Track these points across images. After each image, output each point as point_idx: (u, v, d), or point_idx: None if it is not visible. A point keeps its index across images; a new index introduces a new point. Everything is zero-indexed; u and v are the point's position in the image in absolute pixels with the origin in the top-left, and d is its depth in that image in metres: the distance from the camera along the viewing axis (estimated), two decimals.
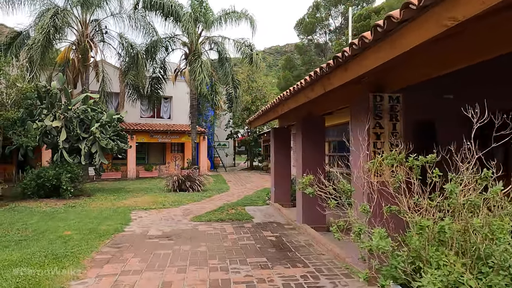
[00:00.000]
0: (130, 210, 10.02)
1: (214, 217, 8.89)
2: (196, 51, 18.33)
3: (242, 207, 10.38)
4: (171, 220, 8.69)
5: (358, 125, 4.64)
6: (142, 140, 21.76)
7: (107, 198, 12.33)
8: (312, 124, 7.39)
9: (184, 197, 12.37)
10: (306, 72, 53.15)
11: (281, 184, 10.26)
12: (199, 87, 17.12)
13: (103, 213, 9.34)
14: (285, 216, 8.85)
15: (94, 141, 12.77)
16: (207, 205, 10.87)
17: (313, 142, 7.37)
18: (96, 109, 13.24)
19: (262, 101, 26.68)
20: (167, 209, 10.27)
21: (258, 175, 22.64)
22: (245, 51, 19.22)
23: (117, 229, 7.49)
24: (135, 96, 20.69)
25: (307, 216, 7.31)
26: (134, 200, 11.71)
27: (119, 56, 19.89)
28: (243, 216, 8.94)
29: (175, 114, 24.51)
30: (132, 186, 16.45)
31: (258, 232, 7.36)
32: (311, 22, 53.07)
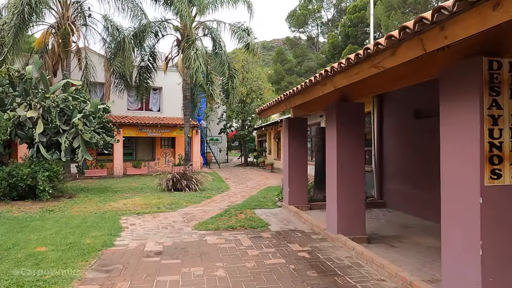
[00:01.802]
0: (119, 215, 8.47)
1: (222, 224, 7.42)
2: (190, 36, 16.70)
3: (251, 211, 8.94)
4: (171, 228, 7.18)
5: (454, 107, 3.23)
6: (130, 134, 20.06)
7: (92, 199, 10.71)
8: (350, 113, 5.96)
9: (181, 198, 10.85)
10: (298, 65, 51.98)
11: (296, 184, 8.86)
12: (194, 75, 15.51)
13: (87, 220, 7.76)
14: (307, 222, 7.44)
15: (76, 134, 11.11)
16: (209, 208, 9.38)
17: (352, 135, 5.96)
18: (79, 97, 11.57)
19: (258, 93, 25.23)
20: (164, 213, 8.75)
21: (256, 172, 21.20)
22: (242, 36, 17.67)
23: (105, 242, 5.95)
24: (122, 86, 18.94)
25: (344, 223, 5.92)
26: (123, 202, 10.13)
27: (104, 41, 18.12)
28: (257, 223, 7.49)
29: (165, 106, 22.82)
30: (120, 184, 14.81)
31: (282, 245, 5.93)
32: (303, 14, 51.71)
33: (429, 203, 7.56)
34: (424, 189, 7.72)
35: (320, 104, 6.97)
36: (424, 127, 7.76)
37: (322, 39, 55.90)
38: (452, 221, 3.30)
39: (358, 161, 5.98)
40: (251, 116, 25.83)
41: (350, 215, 5.94)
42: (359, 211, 5.98)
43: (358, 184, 5.99)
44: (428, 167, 7.62)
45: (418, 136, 7.99)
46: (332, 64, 4.34)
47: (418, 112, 8.03)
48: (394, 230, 6.84)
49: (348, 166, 5.92)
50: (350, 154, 5.94)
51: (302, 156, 8.90)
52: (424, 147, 7.79)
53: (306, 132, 9.01)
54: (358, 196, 6.00)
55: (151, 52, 18.73)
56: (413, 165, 8.17)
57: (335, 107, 5.94)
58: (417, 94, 7.93)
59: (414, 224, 7.33)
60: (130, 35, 17.00)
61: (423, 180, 7.78)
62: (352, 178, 5.95)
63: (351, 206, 5.95)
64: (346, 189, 5.93)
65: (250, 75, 24.98)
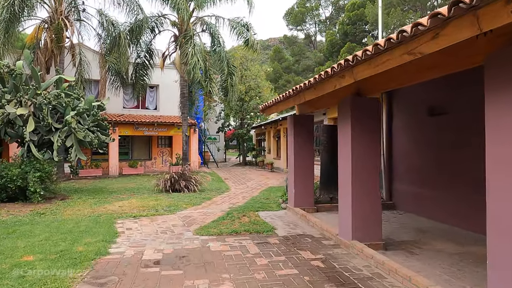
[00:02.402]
0: (115, 218, 7.96)
1: (225, 228, 6.94)
2: (188, 31, 16.17)
3: (255, 213, 8.46)
4: (170, 233, 6.69)
5: (507, 103, 2.76)
6: (126, 133, 19.51)
7: (86, 201, 10.18)
8: (365, 108, 5.50)
9: (180, 200, 10.34)
10: (296, 63, 51.50)
11: (302, 185, 8.39)
12: (191, 72, 14.98)
13: (81, 224, 7.24)
14: (315, 226, 6.97)
15: (69, 132, 10.57)
16: (210, 211, 8.89)
17: (367, 132, 5.50)
18: (72, 94, 11.02)
19: (256, 91, 24.75)
20: (162, 216, 8.25)
21: (255, 171, 20.71)
22: (241, 32, 17.16)
23: (99, 250, 5.45)
24: (118, 84, 18.39)
25: (359, 229, 5.45)
26: (119, 205, 9.61)
27: (99, 37, 17.53)
28: (262, 227, 7.01)
29: (162, 104, 22.27)
30: (116, 185, 14.27)
31: (292, 252, 5.46)
32: (300, 11, 51.23)
33: (445, 204, 7.12)
34: (439, 190, 7.27)
35: (331, 100, 6.51)
36: (439, 124, 7.32)
37: (319, 37, 55.54)
38: (502, 235, 2.82)
39: (373, 159, 5.52)
40: (249, 114, 25.34)
41: (365, 220, 5.48)
42: (375, 215, 5.53)
43: (374, 185, 5.54)
44: (444, 166, 7.19)
45: (433, 134, 7.55)
46: (337, 60, 3.87)
47: (432, 109, 7.58)
48: (410, 235, 6.39)
49: (364, 165, 5.46)
50: (366, 152, 5.47)
51: (308, 155, 8.44)
52: (439, 145, 7.36)
53: (312, 130, 8.54)
54: (374, 198, 5.54)
55: (147, 48, 18.17)
56: (426, 165, 7.73)
57: (349, 102, 5.47)
58: (431, 90, 7.49)
59: (429, 228, 6.89)
60: (126, 31, 16.45)
61: (438, 180, 7.34)
62: (367, 177, 5.49)
63: (366, 210, 5.49)
64: (361, 190, 5.47)
65: (248, 73, 24.47)
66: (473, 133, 6.40)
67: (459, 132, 6.75)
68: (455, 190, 6.86)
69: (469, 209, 6.49)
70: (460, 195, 6.70)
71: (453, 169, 6.94)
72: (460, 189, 6.72)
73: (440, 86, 7.12)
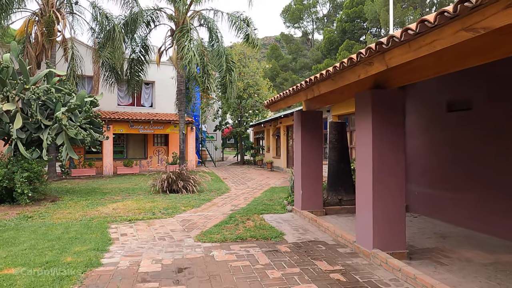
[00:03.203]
0: (108, 222, 7.35)
1: (229, 233, 6.35)
2: (185, 25, 15.52)
3: (259, 216, 7.89)
4: (169, 239, 6.09)
5: None
6: (120, 131, 18.85)
7: (78, 203, 9.54)
8: (389, 102, 4.94)
9: (178, 201, 9.74)
10: (293, 61, 50.89)
11: (311, 186, 7.84)
12: (187, 66, 14.35)
13: (70, 230, 6.62)
14: (328, 232, 6.41)
15: (60, 130, 9.94)
16: (211, 213, 8.30)
17: (391, 129, 4.94)
18: (63, 89, 10.36)
19: (255, 88, 24.16)
20: (160, 220, 7.65)
21: (255, 171, 20.12)
22: (241, 27, 16.55)
23: (90, 261, 4.84)
24: (112, 80, 17.73)
25: (381, 236, 4.89)
26: (113, 207, 8.99)
27: (92, 31, 16.85)
28: (269, 232, 6.44)
29: (158, 101, 21.63)
30: (110, 185, 13.63)
31: (306, 262, 4.89)
32: (298, 8, 50.58)
33: (465, 208, 6.60)
34: (459, 192, 6.74)
35: (344, 94, 5.94)
36: (460, 121, 6.78)
37: (317, 35, 54.98)
38: None
39: (397, 158, 4.96)
40: (248, 112, 24.74)
41: (389, 226, 4.92)
42: (399, 221, 4.97)
43: (399, 186, 4.98)
44: (465, 166, 6.65)
45: (452, 131, 7.01)
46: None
47: (451, 105, 7.04)
48: (431, 241, 5.85)
49: (387, 164, 4.91)
50: (389, 149, 4.92)
51: (316, 154, 7.88)
52: (459, 143, 6.82)
53: (321, 127, 7.97)
54: (399, 202, 4.98)
55: (143, 43, 17.50)
56: (444, 164, 7.19)
57: (370, 96, 4.90)
58: (450, 84, 6.95)
59: (449, 232, 6.36)
60: (121, 24, 15.78)
61: (457, 181, 6.80)
62: (391, 178, 4.93)
63: (390, 215, 4.93)
64: (384, 192, 4.91)
65: (247, 70, 23.86)
66: (502, 131, 5.87)
67: (485, 129, 6.21)
68: (478, 193, 6.32)
69: (494, 214, 5.96)
70: (484, 198, 6.17)
71: (476, 169, 6.41)
72: (484, 192, 6.19)
73: (462, 78, 6.59)
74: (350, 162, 8.83)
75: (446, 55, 3.46)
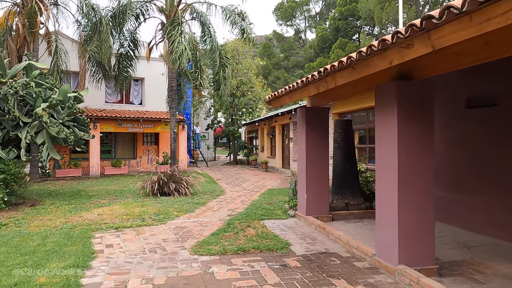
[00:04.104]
0: (92, 230, 6.58)
1: (229, 244, 5.65)
2: (176, 17, 14.73)
3: (260, 223, 7.19)
4: (161, 251, 5.36)
5: None
6: (108, 129, 17.96)
7: (60, 208, 8.73)
8: (417, 95, 4.29)
9: (170, 205, 8.99)
10: (285, 59, 50.28)
11: (316, 189, 7.18)
12: (177, 60, 13.55)
13: (48, 241, 5.84)
14: (339, 241, 5.74)
15: (40, 128, 9.10)
16: (207, 219, 7.58)
17: (419, 126, 4.29)
18: (44, 84, 9.52)
19: (248, 86, 23.44)
20: (150, 227, 6.90)
21: (249, 171, 19.40)
22: (236, 21, 15.81)
23: (67, 282, 4.08)
24: (100, 75, 16.81)
25: (408, 250, 4.24)
26: (98, 212, 8.20)
27: (78, 24, 15.94)
28: (274, 242, 5.75)
29: (148, 99, 20.76)
30: (96, 187, 12.79)
31: (322, 280, 4.21)
32: (290, 6, 49.96)
33: (484, 213, 6.00)
34: (478, 195, 6.14)
35: (361, 87, 5.28)
36: (481, 118, 6.18)
37: (310, 33, 54.47)
38: None
39: (426, 159, 4.32)
40: (241, 110, 24.02)
41: (416, 237, 4.28)
42: (428, 231, 4.34)
43: (427, 192, 4.34)
44: (486, 167, 6.05)
45: (471, 129, 6.41)
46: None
47: (471, 100, 6.44)
48: (456, 252, 5.23)
49: (415, 167, 4.28)
50: (417, 150, 4.28)
51: (323, 155, 7.22)
52: (480, 142, 6.22)
53: (327, 125, 7.30)
54: (427, 208, 4.34)
55: (132, 37, 16.62)
56: (461, 165, 6.58)
57: (395, 88, 4.25)
58: (470, 78, 6.34)
59: (472, 241, 5.75)
60: (108, 16, 14.88)
61: (477, 184, 6.20)
62: (419, 183, 4.30)
63: (418, 225, 4.29)
64: (412, 198, 4.27)
65: (240, 67, 23.13)
66: None
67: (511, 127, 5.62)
68: (500, 198, 5.73)
69: None
70: (508, 204, 5.57)
71: (500, 171, 5.81)
72: (507, 197, 5.59)
73: (483, 72, 5.98)
74: (356, 163, 8.19)
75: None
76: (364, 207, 7.86)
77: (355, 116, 12.01)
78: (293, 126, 16.72)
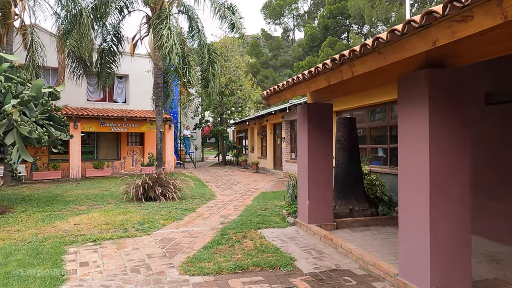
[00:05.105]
0: (66, 244, 5.73)
1: (224, 260, 4.88)
2: (163, 10, 13.88)
3: (257, 232, 6.45)
4: (146, 271, 4.56)
5: None
6: (90, 129, 16.94)
7: (32, 216, 7.82)
8: (450, 85, 3.62)
9: (156, 212, 8.16)
10: (273, 58, 49.60)
11: (320, 194, 6.48)
12: (167, 56, 12.72)
13: (12, 259, 4.97)
14: (350, 255, 5.03)
15: (10, 127, 8.17)
16: (197, 228, 6.79)
17: (455, 123, 3.62)
18: (15, 78, 8.60)
19: (237, 84, 22.66)
20: (133, 239, 6.08)
21: (239, 172, 18.62)
22: (225, 15, 15.03)
23: None
24: (80, 71, 15.82)
25: (443, 270, 3.55)
26: (75, 221, 7.33)
27: (57, 17, 14.92)
28: (276, 257, 5.01)
29: (133, 97, 19.79)
30: (75, 191, 11.84)
31: None
32: (279, 4, 49.31)
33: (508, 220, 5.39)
34: (503, 201, 5.52)
35: (377, 79, 4.59)
36: (503, 115, 5.57)
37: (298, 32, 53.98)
38: None
39: (462, 162, 3.65)
40: (230, 109, 23.22)
41: (451, 255, 3.61)
42: (465, 246, 3.66)
43: (464, 199, 3.67)
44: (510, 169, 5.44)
45: (492, 128, 5.79)
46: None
47: (491, 96, 5.82)
48: (485, 267, 4.59)
49: (450, 170, 3.61)
50: (452, 149, 3.62)
51: (327, 156, 6.52)
52: (501, 142, 5.61)
53: (331, 123, 6.61)
54: (463, 219, 3.67)
55: (115, 32, 15.69)
56: (479, 168, 5.95)
57: (426, 77, 3.56)
58: (489, 71, 5.72)
59: (499, 253, 5.13)
60: (89, 8, 13.94)
61: (500, 188, 5.58)
62: (454, 188, 3.63)
63: (454, 238, 3.61)
64: (446, 207, 3.59)
65: (229, 64, 22.33)
66: None
67: None
68: None
69: None
70: None
71: None
72: None
73: (505, 64, 5.37)
74: (361, 165, 7.52)
75: None
76: (369, 213, 7.18)
77: (354, 114, 11.35)
78: (286, 126, 16.01)
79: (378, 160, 9.71)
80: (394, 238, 6.00)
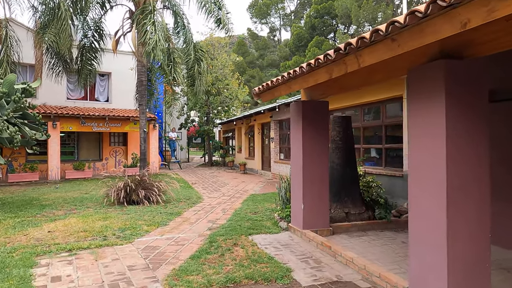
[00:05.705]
0: (37, 255, 5.17)
1: (214, 272, 4.41)
2: (147, 5, 13.28)
3: (248, 239, 5.99)
4: (126, 285, 4.07)
5: None
6: (70, 128, 16.18)
7: (2, 223, 7.18)
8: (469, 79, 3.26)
9: (139, 217, 7.63)
10: (260, 58, 49.22)
11: (315, 198, 6.08)
12: (151, 53, 12.15)
13: None
14: (351, 265, 4.63)
15: None
16: (183, 235, 6.30)
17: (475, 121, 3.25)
18: None
19: (224, 83, 22.16)
20: (113, 248, 5.54)
21: (226, 174, 18.11)
22: (212, 10, 14.50)
23: None
24: (59, 68, 15.08)
25: (460, 284, 3.17)
26: (49, 228, 6.74)
27: (34, 10, 14.13)
28: (270, 268, 4.57)
29: (115, 95, 19.09)
30: (53, 194, 11.17)
31: None
32: (265, 4, 48.95)
33: None
34: (508, 202, 5.22)
35: (381, 73, 4.20)
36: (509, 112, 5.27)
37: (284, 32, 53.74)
38: None
39: (482, 159, 3.28)
40: (216, 109, 22.70)
41: (470, 268, 3.22)
42: (484, 259, 3.28)
43: (484, 205, 3.29)
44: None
45: (498, 126, 5.47)
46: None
47: (495, 93, 5.50)
48: (502, 279, 4.25)
49: (469, 168, 3.23)
50: (471, 148, 3.24)
51: (323, 156, 6.13)
52: (509, 142, 5.31)
53: (327, 121, 6.21)
54: (485, 228, 3.29)
55: (96, 27, 14.99)
56: None
57: (442, 69, 3.18)
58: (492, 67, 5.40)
59: (505, 260, 4.81)
60: (68, 1, 13.23)
61: (506, 189, 5.27)
62: (474, 192, 3.25)
63: (473, 249, 3.23)
64: (465, 214, 3.21)
65: (215, 62, 21.80)
66: None
67: None
68: None
69: None
70: None
71: None
72: None
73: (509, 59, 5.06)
74: (357, 166, 7.16)
75: None
76: (366, 216, 6.82)
77: (346, 113, 11.02)
78: (275, 125, 15.60)
79: (371, 161, 9.39)
80: (394, 244, 5.65)
